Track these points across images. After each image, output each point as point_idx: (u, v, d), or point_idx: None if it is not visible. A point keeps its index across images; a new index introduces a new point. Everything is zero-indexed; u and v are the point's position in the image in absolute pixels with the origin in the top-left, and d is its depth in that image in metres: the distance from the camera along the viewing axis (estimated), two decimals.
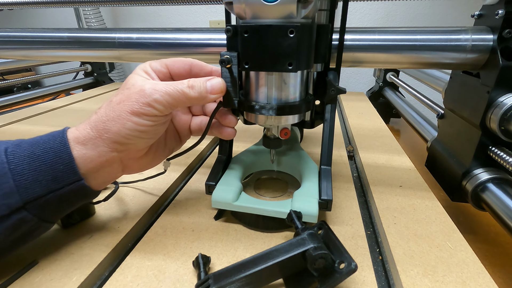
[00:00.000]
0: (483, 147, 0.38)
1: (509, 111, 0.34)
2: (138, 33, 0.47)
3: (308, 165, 0.38)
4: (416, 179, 0.44)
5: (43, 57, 0.54)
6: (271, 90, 0.30)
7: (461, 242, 0.31)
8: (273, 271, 0.24)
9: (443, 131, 0.50)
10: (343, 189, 0.41)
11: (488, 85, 0.36)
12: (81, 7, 1.27)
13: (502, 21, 0.34)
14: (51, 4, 0.59)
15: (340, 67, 0.37)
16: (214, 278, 0.23)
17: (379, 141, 0.58)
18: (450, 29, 0.38)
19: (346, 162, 0.50)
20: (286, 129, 0.33)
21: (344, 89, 0.35)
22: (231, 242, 0.31)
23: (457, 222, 0.34)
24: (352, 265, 0.23)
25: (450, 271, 0.27)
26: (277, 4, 0.25)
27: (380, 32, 0.39)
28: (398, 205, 0.37)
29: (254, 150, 0.43)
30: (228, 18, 0.35)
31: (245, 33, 0.27)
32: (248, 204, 0.32)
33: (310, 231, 0.26)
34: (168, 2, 0.52)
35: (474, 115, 0.38)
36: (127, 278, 0.26)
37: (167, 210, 0.36)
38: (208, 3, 0.49)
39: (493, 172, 0.37)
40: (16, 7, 0.60)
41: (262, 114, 0.31)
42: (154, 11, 1.40)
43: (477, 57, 0.37)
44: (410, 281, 0.26)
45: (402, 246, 0.30)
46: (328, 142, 0.35)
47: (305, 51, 0.28)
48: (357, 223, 0.34)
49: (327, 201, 0.31)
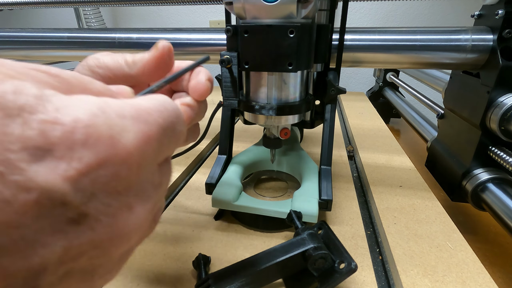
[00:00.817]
0: (483, 147, 0.38)
1: (509, 111, 0.34)
2: (138, 33, 0.47)
3: (308, 165, 0.38)
4: (416, 179, 0.44)
5: (43, 57, 0.54)
6: (271, 90, 0.30)
7: (461, 242, 0.31)
8: (273, 271, 0.24)
9: (443, 131, 0.50)
10: (343, 189, 0.41)
11: (488, 85, 0.36)
12: (81, 7, 1.27)
13: (502, 21, 0.34)
14: (51, 4, 0.59)
15: (340, 67, 0.37)
16: (214, 278, 0.23)
17: (379, 141, 0.58)
18: (450, 29, 0.38)
19: (346, 162, 0.50)
20: (286, 129, 0.33)
21: (344, 89, 0.35)
22: (231, 242, 0.31)
23: (457, 222, 0.34)
24: (352, 265, 0.23)
25: (450, 271, 0.27)
26: (277, 4, 0.25)
27: (380, 32, 0.39)
28: (398, 205, 0.37)
29: (254, 150, 0.43)
30: (228, 18, 0.35)
31: (245, 33, 0.27)
32: (248, 204, 0.32)
33: (310, 231, 0.26)
34: (168, 2, 0.52)
35: (474, 115, 0.38)
36: (127, 278, 0.26)
37: (167, 210, 0.36)
38: (208, 3, 0.49)
39: (493, 172, 0.37)
40: (16, 7, 0.60)
41: (262, 114, 0.31)
42: (154, 11, 1.40)
43: (477, 57, 0.37)
44: (410, 281, 0.26)
45: (402, 246, 0.30)
46: (328, 142, 0.35)
47: (305, 51, 0.28)
48: (357, 223, 0.34)
49: (327, 201, 0.31)
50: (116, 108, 0.10)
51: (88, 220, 0.09)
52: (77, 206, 0.09)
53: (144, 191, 0.11)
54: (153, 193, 0.12)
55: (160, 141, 0.11)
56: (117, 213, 0.10)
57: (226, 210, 0.35)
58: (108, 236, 0.10)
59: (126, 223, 0.10)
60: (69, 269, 0.09)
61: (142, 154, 0.10)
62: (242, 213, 0.33)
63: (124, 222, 0.10)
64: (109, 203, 0.10)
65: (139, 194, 0.11)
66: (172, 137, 0.12)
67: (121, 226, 0.10)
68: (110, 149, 0.09)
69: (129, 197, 0.10)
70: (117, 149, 0.09)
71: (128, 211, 0.10)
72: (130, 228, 0.11)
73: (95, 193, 0.09)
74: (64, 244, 0.09)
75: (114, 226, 0.10)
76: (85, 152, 0.09)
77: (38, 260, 0.08)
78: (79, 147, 0.09)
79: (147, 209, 0.11)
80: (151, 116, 0.11)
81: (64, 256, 0.09)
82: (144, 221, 0.11)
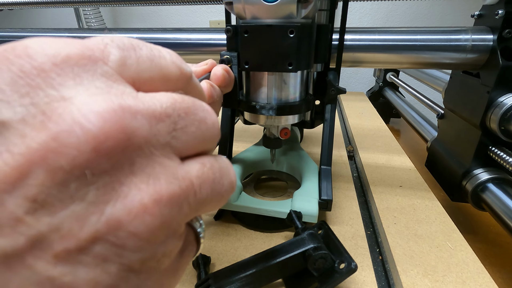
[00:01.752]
0: (483, 147, 0.38)
1: (509, 111, 0.34)
2: (138, 33, 0.47)
3: (308, 165, 0.38)
4: (416, 179, 0.44)
5: None
6: (271, 90, 0.30)
7: (461, 242, 0.31)
8: (273, 271, 0.24)
9: (443, 131, 0.50)
10: (343, 189, 0.41)
11: (488, 85, 0.36)
12: (81, 7, 1.27)
13: (502, 21, 0.34)
14: (51, 4, 0.59)
15: (340, 67, 0.37)
16: (214, 278, 0.23)
17: (379, 141, 0.58)
18: (450, 29, 0.38)
19: (346, 162, 0.50)
20: (286, 129, 0.33)
21: (344, 89, 0.35)
22: (231, 242, 0.31)
23: (457, 222, 0.34)
24: (352, 265, 0.23)
25: (450, 271, 0.27)
26: (277, 4, 0.25)
27: (380, 32, 0.39)
28: (398, 205, 0.37)
29: (254, 150, 0.43)
30: (228, 18, 0.35)
31: (245, 33, 0.27)
32: (248, 204, 0.32)
33: (310, 231, 0.26)
34: (168, 2, 0.52)
35: (474, 115, 0.38)
36: None
37: None
38: (208, 3, 0.49)
39: (493, 172, 0.37)
40: (16, 7, 0.60)
41: (262, 114, 0.31)
42: (154, 11, 1.40)
43: (477, 57, 0.37)
44: (410, 281, 0.26)
45: (402, 246, 0.30)
46: (328, 142, 0.35)
47: (305, 51, 0.28)
48: (357, 223, 0.34)
49: (327, 201, 0.31)
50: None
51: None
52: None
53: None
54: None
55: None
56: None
57: (226, 210, 0.35)
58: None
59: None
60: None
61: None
62: (242, 213, 0.33)
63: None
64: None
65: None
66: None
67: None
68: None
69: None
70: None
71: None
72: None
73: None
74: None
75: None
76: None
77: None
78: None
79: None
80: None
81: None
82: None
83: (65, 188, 0.08)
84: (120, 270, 0.08)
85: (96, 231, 0.08)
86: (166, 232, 0.09)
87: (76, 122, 0.08)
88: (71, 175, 0.08)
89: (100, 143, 0.08)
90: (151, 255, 0.09)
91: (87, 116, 0.08)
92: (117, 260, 0.08)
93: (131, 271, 0.09)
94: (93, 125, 0.08)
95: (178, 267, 0.11)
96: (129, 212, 0.08)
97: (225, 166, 0.12)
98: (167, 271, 0.11)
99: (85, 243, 0.08)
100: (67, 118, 0.08)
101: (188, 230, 0.12)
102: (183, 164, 0.10)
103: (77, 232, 0.08)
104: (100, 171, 0.08)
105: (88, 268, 0.08)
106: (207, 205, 0.11)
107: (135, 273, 0.09)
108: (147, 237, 0.09)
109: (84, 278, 0.08)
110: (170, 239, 0.10)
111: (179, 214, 0.09)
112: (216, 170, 0.11)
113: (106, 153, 0.08)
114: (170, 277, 0.11)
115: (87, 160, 0.08)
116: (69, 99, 0.08)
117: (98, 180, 0.08)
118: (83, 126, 0.08)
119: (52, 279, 0.08)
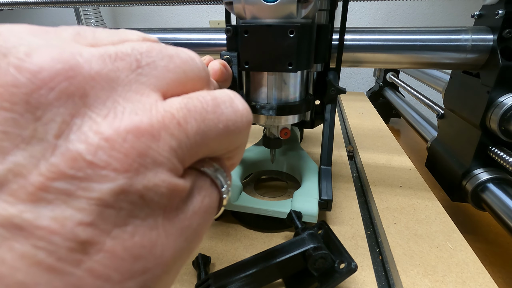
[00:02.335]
0: (483, 147, 0.38)
1: (509, 111, 0.34)
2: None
3: (308, 165, 0.38)
4: (416, 179, 0.44)
5: None
6: (271, 90, 0.30)
7: (461, 242, 0.31)
8: (273, 271, 0.24)
9: (443, 131, 0.50)
10: (343, 189, 0.41)
11: (488, 85, 0.36)
12: (81, 7, 1.27)
13: (502, 21, 0.34)
14: (51, 4, 0.59)
15: (340, 67, 0.37)
16: (214, 278, 0.23)
17: (379, 141, 0.58)
18: (450, 29, 0.38)
19: (346, 162, 0.50)
20: (286, 129, 0.33)
21: (344, 89, 0.35)
22: (231, 242, 0.31)
23: (457, 222, 0.34)
24: (352, 265, 0.23)
25: (450, 271, 0.27)
26: (277, 4, 0.25)
27: (380, 32, 0.39)
28: (398, 205, 0.37)
29: (254, 150, 0.43)
30: (228, 18, 0.35)
31: (245, 33, 0.27)
32: (248, 204, 0.32)
33: (310, 231, 0.26)
34: (168, 2, 0.52)
35: (474, 115, 0.38)
36: None
37: None
38: (208, 3, 0.49)
39: (493, 172, 0.37)
40: (16, 7, 0.60)
41: (262, 114, 0.31)
42: (154, 11, 1.40)
43: (477, 57, 0.37)
44: (410, 281, 0.26)
45: (402, 246, 0.30)
46: (328, 142, 0.35)
47: (305, 51, 0.28)
48: (357, 223, 0.34)
49: (327, 201, 0.31)
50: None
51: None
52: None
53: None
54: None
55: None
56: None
57: (226, 210, 0.35)
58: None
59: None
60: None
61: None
62: (242, 213, 0.33)
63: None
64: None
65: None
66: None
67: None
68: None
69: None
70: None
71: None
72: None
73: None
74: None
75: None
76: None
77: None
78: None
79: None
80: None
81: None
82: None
83: (10, 127, 0.08)
84: (92, 204, 0.08)
85: (52, 165, 0.08)
86: (140, 161, 0.09)
87: (11, 64, 0.08)
88: (14, 112, 0.08)
89: (35, 73, 0.08)
90: (125, 186, 0.08)
91: (23, 58, 0.08)
92: (85, 195, 0.08)
93: (107, 206, 0.08)
94: (30, 62, 0.08)
95: (184, 219, 0.10)
96: (84, 142, 0.08)
97: (221, 96, 0.11)
98: (167, 220, 0.09)
99: (43, 179, 0.08)
100: (2, 63, 0.08)
101: (197, 174, 0.11)
102: (164, 101, 0.10)
103: (32, 168, 0.08)
104: (45, 104, 0.08)
105: (52, 205, 0.08)
106: (210, 138, 0.10)
107: (114, 210, 0.08)
108: (110, 165, 0.08)
109: (49, 216, 0.08)
110: (150, 171, 0.09)
111: (158, 145, 0.09)
112: (206, 100, 0.10)
113: (44, 83, 0.08)
114: (173, 230, 0.10)
115: (25, 94, 0.08)
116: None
117: (44, 114, 0.08)
118: (17, 65, 0.08)
119: (10, 217, 0.07)
